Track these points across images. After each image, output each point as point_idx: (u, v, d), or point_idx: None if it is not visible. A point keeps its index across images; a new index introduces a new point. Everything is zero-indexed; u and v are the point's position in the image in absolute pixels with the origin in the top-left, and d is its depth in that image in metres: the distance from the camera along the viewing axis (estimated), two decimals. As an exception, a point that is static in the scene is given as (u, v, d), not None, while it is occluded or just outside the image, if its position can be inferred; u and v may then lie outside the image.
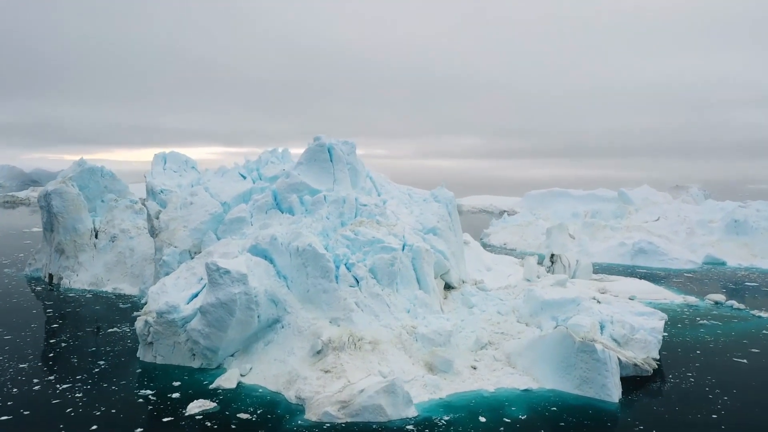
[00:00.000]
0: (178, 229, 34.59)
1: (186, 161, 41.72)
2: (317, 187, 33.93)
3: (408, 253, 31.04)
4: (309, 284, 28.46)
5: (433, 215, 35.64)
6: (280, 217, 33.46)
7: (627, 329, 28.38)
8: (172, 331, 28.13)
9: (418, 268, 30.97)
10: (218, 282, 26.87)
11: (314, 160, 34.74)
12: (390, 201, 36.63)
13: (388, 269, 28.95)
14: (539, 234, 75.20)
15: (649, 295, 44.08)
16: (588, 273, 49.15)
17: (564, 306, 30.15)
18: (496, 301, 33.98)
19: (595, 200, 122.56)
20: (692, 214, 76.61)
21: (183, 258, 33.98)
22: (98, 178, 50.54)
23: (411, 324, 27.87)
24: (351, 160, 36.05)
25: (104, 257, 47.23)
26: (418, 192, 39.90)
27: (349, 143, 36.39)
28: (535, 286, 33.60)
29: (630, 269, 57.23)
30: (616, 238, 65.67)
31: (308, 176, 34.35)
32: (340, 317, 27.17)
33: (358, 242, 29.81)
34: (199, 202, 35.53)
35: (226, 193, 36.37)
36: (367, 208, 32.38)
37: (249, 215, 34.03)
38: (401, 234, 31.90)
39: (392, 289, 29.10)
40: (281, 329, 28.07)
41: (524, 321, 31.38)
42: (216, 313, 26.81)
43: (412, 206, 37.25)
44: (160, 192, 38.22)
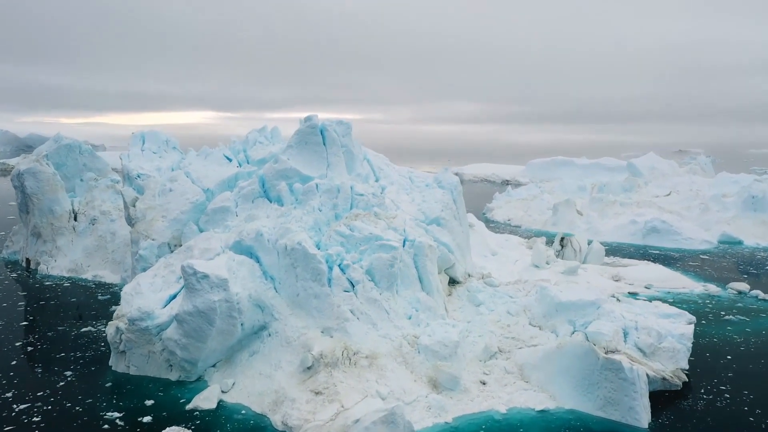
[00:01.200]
0: (156, 219, 31.39)
1: (167, 141, 38.19)
2: (309, 174, 30.65)
3: (409, 250, 27.93)
4: (299, 287, 25.42)
5: (437, 203, 32.41)
6: (267, 207, 30.23)
7: (653, 337, 25.45)
8: (146, 340, 25.20)
9: (420, 266, 27.90)
10: (195, 288, 23.82)
11: (305, 143, 31.35)
12: (389, 187, 33.36)
13: (388, 271, 25.86)
14: (545, 209, 72.09)
15: (666, 283, 41.18)
16: (600, 257, 46.19)
17: (582, 309, 27.14)
18: (506, 298, 30.98)
19: (601, 170, 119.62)
20: (705, 187, 73.36)
21: (162, 252, 30.88)
22: (76, 155, 47.14)
23: (413, 333, 24.91)
24: (346, 142, 32.65)
25: (84, 241, 44.16)
26: (419, 175, 36.58)
27: (344, 123, 32.95)
28: (548, 284, 30.56)
29: (642, 250, 54.24)
30: (627, 215, 62.51)
31: (299, 161, 31.01)
32: (333, 327, 24.18)
33: (354, 239, 26.66)
34: (179, 188, 32.25)
35: (210, 178, 33.06)
36: (364, 198, 29.13)
37: (234, 204, 30.80)
38: (401, 227, 28.73)
39: (391, 292, 26.06)
40: (268, 338, 25.14)
41: (537, 323, 28.43)
42: (193, 323, 23.82)
43: (414, 192, 33.99)
44: (137, 177, 34.87)
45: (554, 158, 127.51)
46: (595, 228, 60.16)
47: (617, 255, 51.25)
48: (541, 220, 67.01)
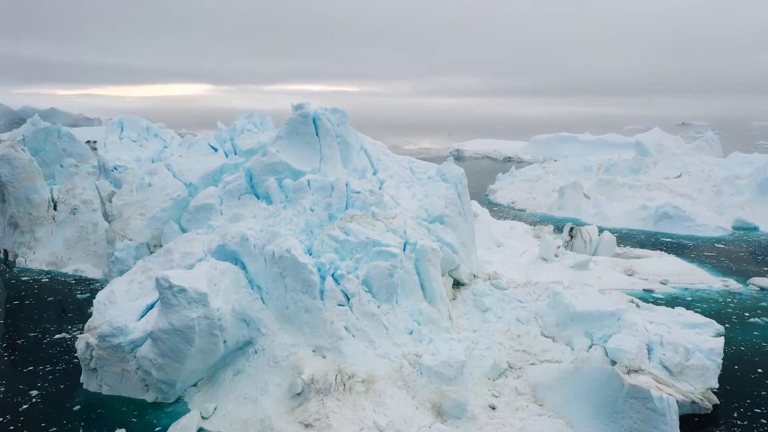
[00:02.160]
0: (133, 217, 28.72)
1: (147, 128, 35.24)
2: (300, 168, 27.91)
3: (410, 254, 25.35)
4: (288, 299, 22.88)
5: (440, 199, 29.73)
6: (255, 205, 27.56)
7: (681, 354, 22.98)
8: (119, 358, 22.75)
9: (422, 272, 25.35)
10: (171, 303, 21.26)
11: (296, 134, 28.55)
12: (389, 181, 30.64)
13: (386, 281, 23.30)
14: (550, 191, 69.41)
15: (683, 278, 38.70)
16: (611, 248, 43.63)
17: (601, 320, 24.65)
18: (515, 303, 28.48)
19: (605, 146, 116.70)
20: (716, 168, 70.49)
21: (140, 253, 28.29)
22: (55, 139, 44.25)
23: (414, 351, 22.43)
24: (341, 131, 29.83)
25: (64, 232, 41.58)
26: (421, 166, 33.78)
27: (339, 111, 30.08)
28: (560, 288, 28.02)
29: (653, 237, 51.68)
30: (636, 199, 59.82)
31: (289, 153, 28.24)
32: (325, 346, 21.69)
33: (349, 245, 24.04)
34: (159, 183, 29.51)
35: (193, 171, 30.29)
36: (361, 195, 26.43)
37: (218, 201, 28.11)
38: (402, 229, 26.10)
39: (391, 304, 23.52)
40: (254, 355, 22.67)
41: (550, 334, 25.97)
42: (170, 342, 21.33)
43: (415, 186, 31.26)
44: (114, 169, 32.09)
45: (557, 134, 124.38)
46: (603, 213, 57.55)
47: (628, 243, 48.75)
48: (547, 203, 64.37)
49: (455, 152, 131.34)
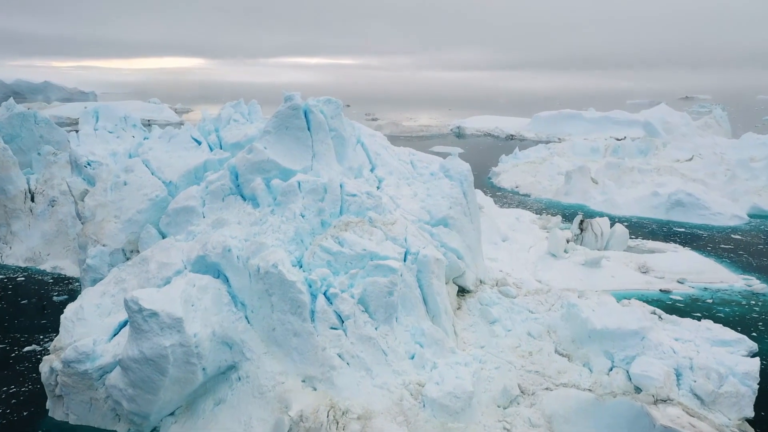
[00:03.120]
0: (107, 220, 26.12)
1: (125, 117, 32.36)
2: (290, 166, 25.26)
3: (412, 266, 22.87)
4: (275, 320, 20.43)
5: (444, 199, 27.12)
6: (240, 207, 24.96)
7: (713, 380, 20.62)
8: (87, 385, 20.39)
9: (425, 285, 22.89)
10: (142, 329, 18.80)
11: (286, 128, 25.81)
12: (387, 178, 28.01)
13: (385, 300, 20.82)
14: (555, 174, 66.74)
15: (702, 276, 36.30)
16: (623, 242, 41.12)
17: (623, 340, 22.25)
18: (525, 314, 26.10)
19: (610, 124, 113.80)
20: (729, 150, 67.84)
21: (115, 260, 25.76)
22: (31, 125, 41.48)
23: (416, 380, 20.03)
24: (336, 124, 27.11)
25: (42, 226, 39.04)
26: (422, 160, 31.07)
27: (333, 102, 27.31)
28: (574, 297, 25.57)
29: (666, 226, 49.16)
30: (647, 185, 57.17)
31: (278, 150, 25.56)
32: (316, 376, 19.30)
33: (344, 257, 21.50)
34: (135, 181, 26.83)
35: (173, 168, 27.59)
36: (357, 199, 23.82)
37: (200, 203, 25.49)
38: (402, 236, 23.55)
39: (390, 325, 21.07)
40: (237, 382, 20.29)
41: (565, 351, 23.61)
42: (140, 372, 18.92)
43: (416, 183, 28.61)
44: (87, 165, 29.36)
45: (561, 111, 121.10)
46: (612, 200, 54.92)
47: (639, 234, 46.29)
48: (552, 188, 61.69)
49: (456, 129, 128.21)
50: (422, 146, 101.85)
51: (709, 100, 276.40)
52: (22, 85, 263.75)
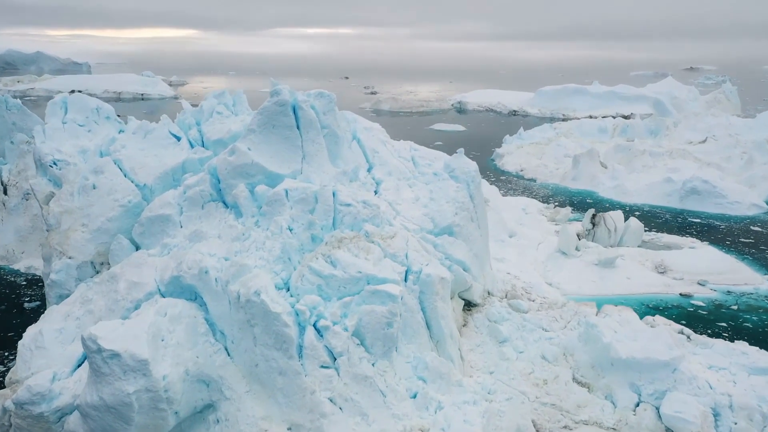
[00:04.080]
0: (74, 228, 23.43)
1: (98, 108, 29.29)
2: (277, 170, 22.53)
3: (413, 286, 20.29)
4: (258, 355, 17.91)
5: (449, 203, 24.41)
6: (221, 216, 22.29)
7: (757, 421, 18.23)
8: (43, 429, 17.93)
9: (429, 307, 20.35)
10: (102, 371, 16.28)
11: (272, 127, 23.01)
12: (386, 180, 25.26)
13: (383, 332, 18.26)
14: (562, 156, 63.92)
15: (724, 277, 33.78)
16: (638, 237, 38.52)
17: (651, 372, 19.79)
18: (538, 332, 23.63)
19: (616, 99, 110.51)
20: (744, 130, 64.74)
21: (83, 274, 23.16)
22: (3, 111, 38.49)
23: (419, 425, 17.54)
24: (328, 121, 24.29)
25: (16, 221, 36.39)
26: (425, 156, 28.29)
27: (326, 96, 24.46)
28: (595, 318, 23.03)
29: (680, 216, 46.53)
30: (659, 170, 54.35)
31: (263, 152, 22.78)
32: (304, 425, 16.83)
33: (336, 281, 18.88)
34: (106, 184, 24.07)
35: (148, 168, 24.80)
36: (351, 209, 21.14)
37: (177, 210, 22.79)
38: (403, 252, 20.93)
39: (389, 359, 18.55)
40: (215, 425, 17.85)
41: (585, 379, 21.18)
42: (101, 420, 16.45)
43: (418, 185, 25.85)
44: (53, 164, 26.55)
45: (565, 86, 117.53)
46: (622, 186, 52.15)
47: (652, 224, 43.73)
48: (559, 172, 58.86)
49: (457, 104, 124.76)
50: (423, 123, 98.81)
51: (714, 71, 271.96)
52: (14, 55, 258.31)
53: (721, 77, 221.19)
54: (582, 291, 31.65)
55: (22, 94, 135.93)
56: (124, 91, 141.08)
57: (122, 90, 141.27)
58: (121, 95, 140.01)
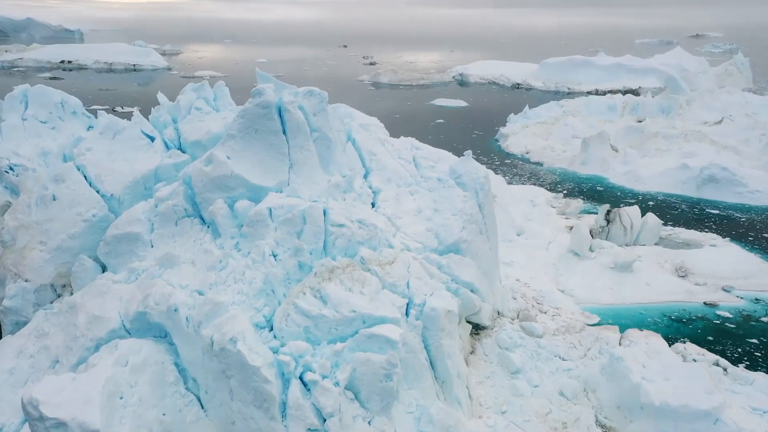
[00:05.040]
0: (30, 246, 20.71)
1: (63, 102, 26.18)
2: (260, 182, 19.75)
3: (416, 322, 17.68)
4: (234, 412, 15.37)
5: (455, 216, 21.64)
6: (197, 236, 19.58)
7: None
8: (-11, 496, 15.48)
9: (433, 345, 17.79)
10: (48, 442, 13.73)
11: (255, 132, 20.15)
12: (385, 189, 22.42)
13: (381, 385, 15.68)
14: (570, 137, 60.91)
15: (750, 282, 31.20)
16: (655, 235, 35.84)
17: (689, 422, 17.29)
18: (555, 362, 21.10)
19: (624, 71, 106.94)
20: (762, 109, 61.64)
21: (42, 299, 20.54)
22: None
23: (423, 496, 15.11)
24: (319, 123, 21.39)
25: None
26: (427, 157, 25.38)
27: (316, 94, 21.48)
28: (620, 351, 20.42)
29: (697, 206, 43.79)
30: (673, 154, 51.44)
31: (245, 161, 19.96)
32: (288, 501, 14.37)
33: (326, 323, 16.24)
34: (68, 195, 21.28)
35: (117, 175, 21.98)
36: (345, 231, 18.42)
37: (148, 227, 20.07)
38: (404, 280, 18.28)
39: (388, 415, 16.00)
40: (187, 493, 15.39)
41: (609, 421, 18.73)
42: (50, 497, 13.95)
43: (420, 193, 22.99)
44: (8, 170, 23.68)
45: (570, 57, 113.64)
46: (635, 172, 49.27)
47: (668, 216, 41.02)
48: (567, 156, 55.89)
49: (459, 77, 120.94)
50: (423, 97, 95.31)
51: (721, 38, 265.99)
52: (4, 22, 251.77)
53: (729, 45, 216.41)
54: (597, 299, 29.16)
55: (9, 65, 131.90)
56: (116, 61, 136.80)
57: (114, 61, 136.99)
58: (113, 66, 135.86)
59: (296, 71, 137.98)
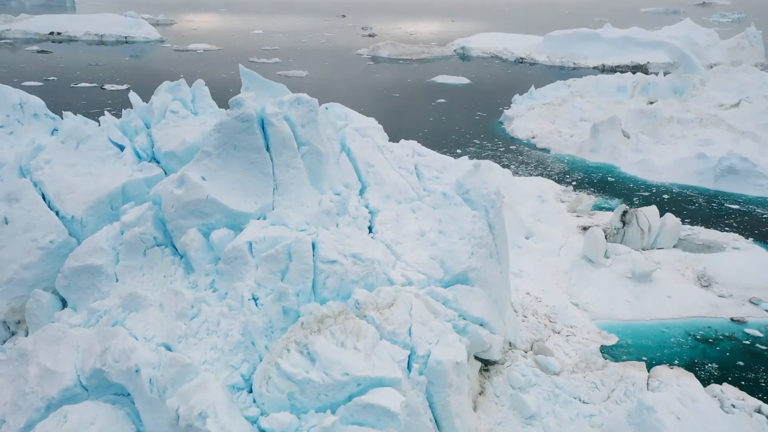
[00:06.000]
0: (-19, 278, 18.19)
1: (22, 104, 23.18)
2: (240, 208, 17.16)
3: (420, 377, 15.25)
4: (206, 498, 13.00)
5: (463, 241, 19.05)
6: (168, 271, 17.06)
7: None
8: None
9: (439, 403, 15.39)
10: None
11: (233, 149, 17.48)
12: (383, 208, 19.75)
13: (379, 468, 13.30)
14: (578, 120, 58.09)
15: (779, 292, 28.85)
16: (674, 237, 33.32)
17: (734, 495, 15.02)
18: (575, 406, 18.76)
19: (631, 45, 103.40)
20: (779, 90, 58.67)
21: (-7, 338, 18.06)
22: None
23: None
24: (309, 136, 18.67)
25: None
26: (431, 165, 22.67)
27: (305, 103, 18.68)
28: (650, 398, 18.01)
29: (714, 200, 41.22)
30: (689, 142, 48.62)
31: (222, 183, 17.32)
32: None
33: (314, 388, 13.78)
34: (22, 218, 18.68)
35: (79, 194, 19.33)
36: (338, 268, 15.89)
37: (112, 258, 17.52)
38: (405, 326, 15.81)
39: (387, 498, 13.65)
40: None
41: (638, 484, 16.44)
42: None
43: (423, 210, 20.35)
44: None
45: (576, 30, 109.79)
46: (648, 161, 46.55)
47: (685, 212, 38.55)
48: (575, 142, 53.02)
49: (460, 50, 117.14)
50: (424, 73, 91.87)
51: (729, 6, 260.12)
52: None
53: (737, 14, 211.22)
54: (615, 314, 26.81)
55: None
56: (107, 33, 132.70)
57: (105, 32, 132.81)
58: (104, 38, 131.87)
59: (293, 43, 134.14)
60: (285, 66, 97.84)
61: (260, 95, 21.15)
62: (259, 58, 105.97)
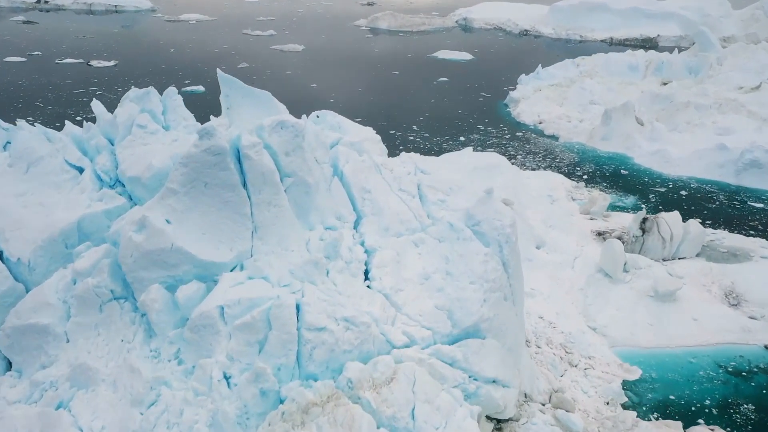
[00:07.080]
0: None
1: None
2: (211, 258, 14.45)
3: (424, 473, 12.75)
4: None
5: (474, 285, 16.38)
6: (125, 332, 14.44)
7: None
8: None
9: (446, 503, 12.91)
10: None
11: (204, 185, 14.70)
12: (381, 245, 17.00)
13: None
14: (587, 103, 55.07)
15: (814, 312, 26.34)
16: (698, 245, 30.61)
17: None
18: (602, 476, 16.34)
19: (640, 17, 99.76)
20: (800, 72, 55.50)
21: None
22: None
23: None
24: (294, 165, 15.85)
25: None
26: (436, 186, 19.86)
27: (289, 127, 15.75)
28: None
29: (736, 197, 38.53)
30: (707, 130, 45.68)
31: (190, 227, 14.59)
32: None
33: (296, 506, 11.28)
34: (-40, 261, 16.04)
35: (27, 230, 16.58)
36: (326, 337, 13.27)
37: (62, 314, 14.89)
38: (407, 408, 13.24)
39: None
40: None
41: None
42: None
43: (428, 244, 17.60)
44: None
45: (583, 1, 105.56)
46: (664, 152, 43.66)
47: (705, 211, 36.03)
48: (586, 128, 50.01)
49: (462, 21, 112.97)
50: (426, 47, 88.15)
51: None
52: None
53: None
54: (636, 341, 24.36)
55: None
56: (96, 2, 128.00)
57: (94, 1, 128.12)
58: (93, 7, 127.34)
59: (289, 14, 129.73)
60: (280, 39, 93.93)
61: (241, 104, 18.38)
62: (253, 30, 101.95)
